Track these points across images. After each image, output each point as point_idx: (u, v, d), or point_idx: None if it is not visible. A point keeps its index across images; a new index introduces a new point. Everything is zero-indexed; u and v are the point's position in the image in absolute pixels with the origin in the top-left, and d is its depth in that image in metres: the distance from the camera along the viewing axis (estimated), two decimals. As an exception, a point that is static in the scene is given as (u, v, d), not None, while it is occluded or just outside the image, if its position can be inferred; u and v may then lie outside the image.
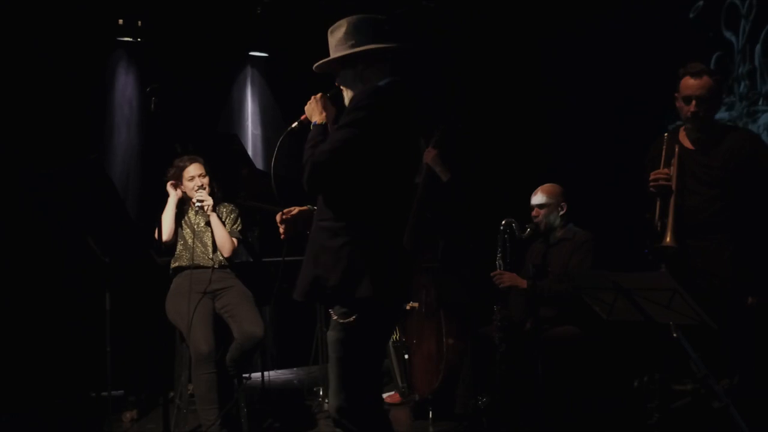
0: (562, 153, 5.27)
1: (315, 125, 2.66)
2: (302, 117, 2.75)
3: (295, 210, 2.76)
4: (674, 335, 2.71)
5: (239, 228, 4.36)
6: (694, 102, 3.32)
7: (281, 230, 2.74)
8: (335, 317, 2.55)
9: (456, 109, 5.62)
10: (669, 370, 2.99)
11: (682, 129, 3.48)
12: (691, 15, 4.84)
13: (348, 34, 2.63)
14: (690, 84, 3.34)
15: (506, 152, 5.47)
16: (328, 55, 2.70)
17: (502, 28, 5.64)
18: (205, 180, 4.27)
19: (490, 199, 4.83)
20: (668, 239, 3.29)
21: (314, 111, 2.70)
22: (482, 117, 5.57)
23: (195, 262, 4.22)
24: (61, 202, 4.34)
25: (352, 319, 2.51)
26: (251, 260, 4.83)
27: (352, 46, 2.62)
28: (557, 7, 5.35)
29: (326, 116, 2.68)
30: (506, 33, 5.63)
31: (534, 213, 4.20)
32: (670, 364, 2.99)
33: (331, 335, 2.57)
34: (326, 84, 2.80)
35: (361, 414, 2.54)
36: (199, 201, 4.19)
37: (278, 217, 2.74)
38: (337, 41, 2.66)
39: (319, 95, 2.72)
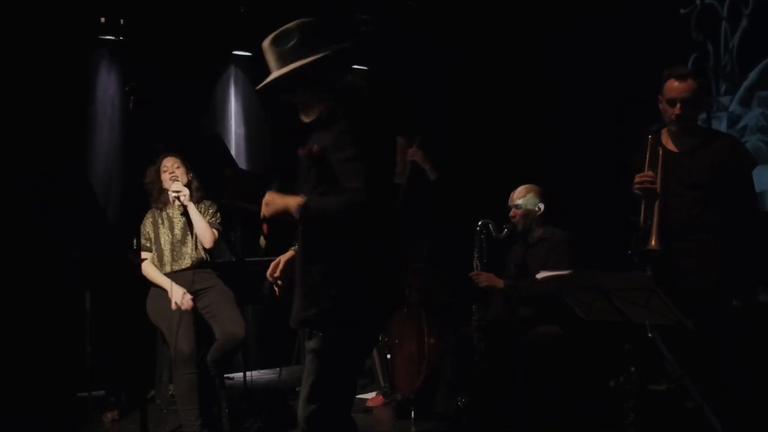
0: (543, 153, 5.29)
1: (307, 203, 2.44)
2: (265, 228, 2.63)
3: (281, 263, 2.71)
4: (649, 335, 2.72)
5: (219, 221, 4.35)
6: (678, 105, 3.31)
7: (276, 291, 2.69)
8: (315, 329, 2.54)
9: (440, 110, 5.63)
10: (645, 369, 3.00)
11: (664, 131, 3.46)
12: (683, 11, 4.85)
13: (302, 41, 2.52)
14: (675, 87, 3.32)
15: (485, 152, 5.49)
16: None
17: (489, 28, 5.66)
18: (179, 171, 4.28)
19: (470, 199, 4.84)
20: (653, 242, 3.26)
21: (279, 206, 2.50)
22: (462, 117, 5.59)
23: (174, 268, 4.23)
24: (41, 203, 4.32)
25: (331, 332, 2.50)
26: (233, 260, 4.82)
27: (312, 50, 2.52)
28: (546, 6, 5.35)
29: (289, 199, 2.48)
30: (494, 34, 5.65)
31: (512, 214, 4.22)
32: (646, 364, 3.00)
33: (309, 344, 2.56)
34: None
35: (330, 425, 2.52)
36: (174, 192, 4.20)
37: (269, 275, 2.68)
38: (290, 50, 2.52)
39: (267, 197, 2.52)
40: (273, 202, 2.50)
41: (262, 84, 2.60)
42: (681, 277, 3.27)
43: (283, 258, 2.69)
